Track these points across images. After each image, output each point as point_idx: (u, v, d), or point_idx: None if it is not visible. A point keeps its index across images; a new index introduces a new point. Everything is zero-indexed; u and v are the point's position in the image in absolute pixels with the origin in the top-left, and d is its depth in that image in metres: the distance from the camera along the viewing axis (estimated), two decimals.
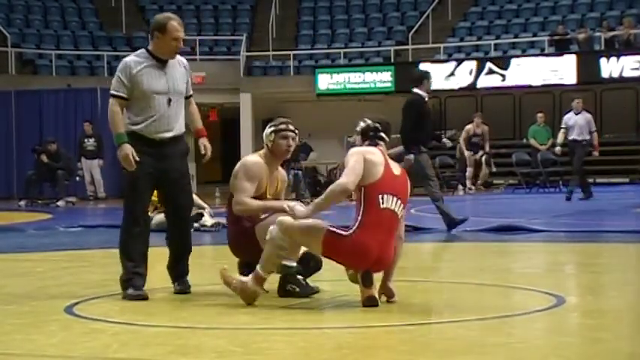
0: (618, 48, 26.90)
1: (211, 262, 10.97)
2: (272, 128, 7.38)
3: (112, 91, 7.28)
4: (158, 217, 13.64)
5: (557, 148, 20.03)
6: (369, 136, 6.79)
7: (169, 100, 7.27)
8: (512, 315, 6.19)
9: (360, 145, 6.80)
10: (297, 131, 7.38)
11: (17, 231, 14.42)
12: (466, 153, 23.38)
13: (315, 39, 31.99)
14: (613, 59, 26.11)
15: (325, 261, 7.02)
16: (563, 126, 19.56)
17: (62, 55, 30.06)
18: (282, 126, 7.39)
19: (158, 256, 11.56)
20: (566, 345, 5.28)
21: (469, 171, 23.10)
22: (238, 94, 29.70)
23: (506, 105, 27.42)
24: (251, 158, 7.45)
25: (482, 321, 5.96)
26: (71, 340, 5.57)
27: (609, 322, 6.08)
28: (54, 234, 13.91)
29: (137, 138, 7.11)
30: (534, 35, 29.37)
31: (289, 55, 30.36)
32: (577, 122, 19.16)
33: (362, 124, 6.85)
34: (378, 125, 6.80)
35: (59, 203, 21.61)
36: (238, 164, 7.47)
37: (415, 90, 12.63)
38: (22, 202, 21.93)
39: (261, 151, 7.47)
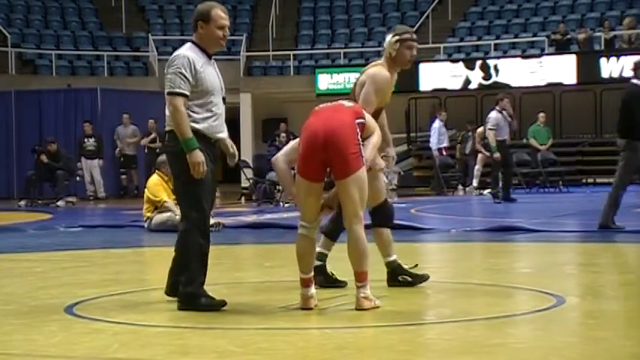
0: (618, 48, 26.90)
1: (211, 262, 10.96)
2: (396, 37, 7.25)
3: (175, 89, 6.52)
4: (158, 217, 13.68)
5: (496, 155, 18.79)
6: None
7: (224, 99, 6.96)
8: (512, 315, 6.19)
9: None
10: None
11: (17, 231, 14.42)
12: (480, 155, 23.14)
13: (315, 39, 32.00)
14: (613, 59, 26.11)
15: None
16: (493, 127, 18.79)
17: (62, 55, 30.07)
18: (407, 35, 7.29)
19: (158, 256, 11.58)
20: (566, 345, 5.28)
21: (477, 169, 22.89)
22: (238, 94, 29.70)
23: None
24: (381, 73, 7.24)
25: (482, 321, 5.97)
26: (71, 340, 5.57)
27: (609, 322, 6.08)
28: (54, 234, 13.91)
29: (199, 138, 6.57)
30: (534, 35, 29.38)
31: (289, 55, 30.37)
32: (504, 122, 18.96)
33: None
34: None
35: (59, 203, 21.61)
36: (367, 74, 7.28)
37: (634, 81, 12.18)
38: (22, 202, 21.93)
39: (381, 61, 7.33)
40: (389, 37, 7.29)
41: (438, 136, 23.34)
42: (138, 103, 25.87)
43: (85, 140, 23.89)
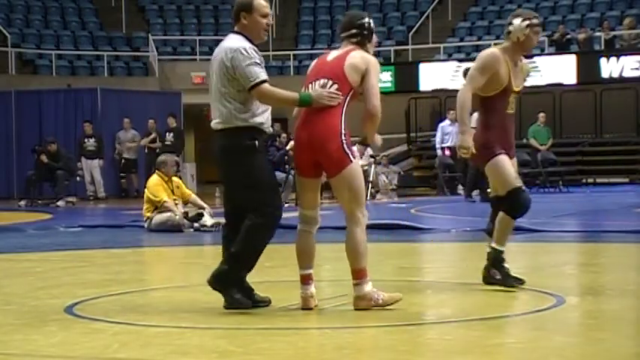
0: (618, 48, 26.91)
1: (211, 262, 10.97)
2: (527, 22, 7.14)
3: (257, 79, 6.36)
4: (158, 217, 13.68)
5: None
6: None
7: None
8: (512, 315, 6.18)
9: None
10: None
11: (17, 231, 14.41)
12: None
13: (315, 39, 32.01)
14: (613, 59, 26.11)
15: (323, 261, 7.01)
16: (473, 126, 19.08)
17: (62, 55, 30.08)
18: (536, 20, 7.21)
19: (158, 256, 11.59)
20: (566, 345, 5.28)
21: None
22: None
23: None
24: (488, 52, 7.23)
25: (482, 321, 5.96)
26: (71, 340, 5.56)
27: (609, 322, 6.08)
28: (54, 234, 13.90)
29: (257, 132, 6.42)
30: None
31: (289, 55, 30.37)
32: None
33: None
34: None
35: (59, 203, 21.60)
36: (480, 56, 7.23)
37: None
38: (22, 202, 21.91)
39: (504, 45, 7.21)
40: (518, 21, 7.14)
41: (441, 135, 23.32)
42: (138, 103, 25.88)
43: (85, 140, 23.89)
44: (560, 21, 29.32)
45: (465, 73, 21.35)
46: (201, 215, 13.78)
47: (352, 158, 6.36)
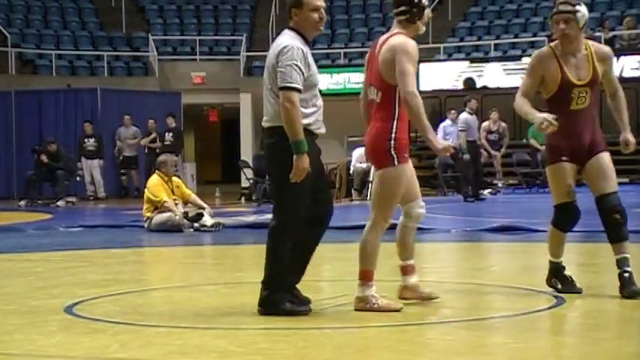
0: (618, 48, 26.90)
1: (211, 262, 10.98)
2: (552, 12, 6.81)
3: (292, 84, 6.12)
4: (158, 217, 13.68)
5: (466, 156, 19.19)
6: None
7: (320, 91, 6.52)
8: (512, 315, 6.18)
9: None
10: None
11: (17, 231, 14.42)
12: (492, 152, 23.17)
13: (315, 39, 31.97)
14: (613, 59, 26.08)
15: (323, 261, 7.01)
16: (463, 127, 19.15)
17: (62, 55, 30.07)
18: (555, 9, 6.78)
19: (158, 256, 11.59)
20: (566, 345, 5.28)
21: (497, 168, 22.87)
22: (238, 94, 29.71)
23: (506, 105, 27.41)
24: (535, 51, 7.01)
25: (482, 321, 5.97)
26: (71, 340, 5.56)
27: (609, 322, 6.08)
28: (54, 234, 13.91)
29: (306, 133, 6.17)
30: (534, 35, 29.37)
31: None
32: (474, 123, 19.36)
33: None
34: None
35: (59, 203, 21.60)
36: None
37: None
38: (22, 202, 21.91)
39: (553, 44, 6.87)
40: (585, 9, 6.78)
41: (442, 135, 23.32)
42: (138, 103, 25.89)
43: (85, 140, 23.89)
44: None
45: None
46: (201, 215, 13.78)
47: (395, 163, 6.29)
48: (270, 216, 6.57)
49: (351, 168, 22.12)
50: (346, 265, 9.47)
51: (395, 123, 6.33)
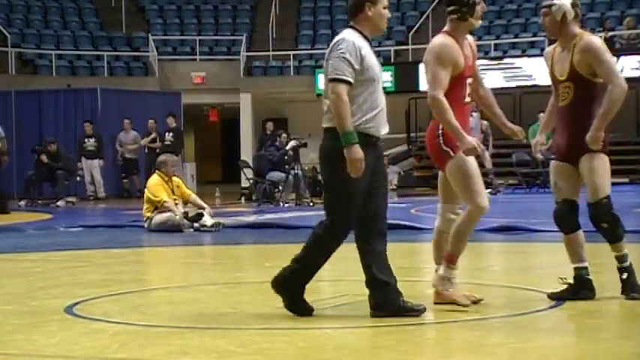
0: (618, 48, 26.90)
1: (211, 262, 10.98)
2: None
3: (340, 76, 5.94)
4: (158, 217, 13.68)
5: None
6: None
7: (383, 88, 6.32)
8: (512, 315, 6.18)
9: None
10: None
11: (17, 231, 14.42)
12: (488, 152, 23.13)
13: (315, 39, 32.00)
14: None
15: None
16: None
17: (62, 55, 30.08)
18: (544, 2, 6.66)
19: (158, 256, 11.59)
20: (566, 345, 5.28)
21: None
22: (238, 94, 29.71)
23: (506, 105, 27.43)
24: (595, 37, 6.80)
25: (482, 321, 5.96)
26: (71, 340, 5.56)
27: (609, 322, 6.08)
28: (54, 234, 13.91)
29: (365, 136, 5.99)
30: (534, 35, 29.36)
31: (289, 55, 30.37)
32: (476, 124, 19.39)
33: None
34: None
35: (59, 203, 21.60)
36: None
37: None
38: (22, 202, 21.91)
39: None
40: (565, 2, 6.66)
41: None
42: (138, 103, 25.89)
43: (86, 140, 23.89)
44: None
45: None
46: (201, 215, 13.78)
47: (452, 154, 6.34)
48: (269, 216, 6.58)
49: None
50: (346, 265, 9.46)
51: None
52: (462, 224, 6.40)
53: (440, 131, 6.40)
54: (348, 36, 6.05)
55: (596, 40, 6.65)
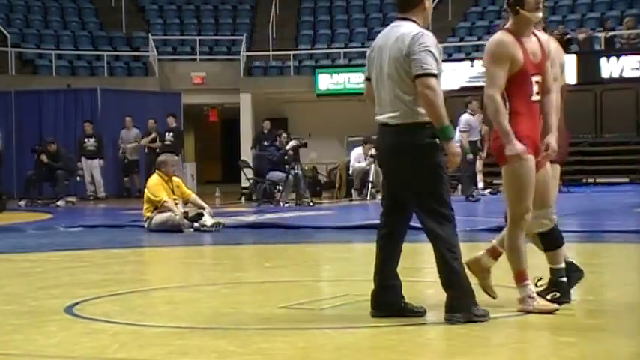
0: (618, 48, 26.91)
1: (211, 262, 10.98)
2: None
3: (429, 69, 5.81)
4: (158, 217, 13.68)
5: (470, 156, 18.98)
6: None
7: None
8: (512, 315, 6.18)
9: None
10: None
11: (17, 231, 14.42)
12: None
13: (315, 39, 32.00)
14: (613, 59, 26.11)
15: (324, 261, 6.99)
16: (465, 128, 19.13)
17: (62, 55, 30.08)
18: None
19: (158, 256, 11.59)
20: (566, 345, 5.28)
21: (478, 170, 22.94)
22: (238, 94, 29.71)
23: None
24: None
25: (482, 321, 5.95)
26: (71, 340, 5.56)
27: (609, 322, 6.08)
28: (54, 234, 13.91)
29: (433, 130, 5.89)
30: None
31: (289, 55, 30.37)
32: (476, 124, 19.49)
33: None
34: None
35: (59, 203, 21.60)
36: None
37: None
38: (22, 202, 21.91)
39: None
40: None
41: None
42: (138, 103, 25.89)
43: (86, 140, 23.89)
44: (560, 21, 29.31)
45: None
46: (201, 215, 13.78)
47: (507, 159, 6.14)
48: (269, 216, 6.57)
49: (351, 168, 22.12)
50: (346, 265, 9.47)
51: (507, 119, 6.15)
52: (511, 241, 6.39)
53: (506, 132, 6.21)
54: (421, 29, 5.94)
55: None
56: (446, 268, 6.01)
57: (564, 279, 6.62)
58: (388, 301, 6.05)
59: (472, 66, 27.50)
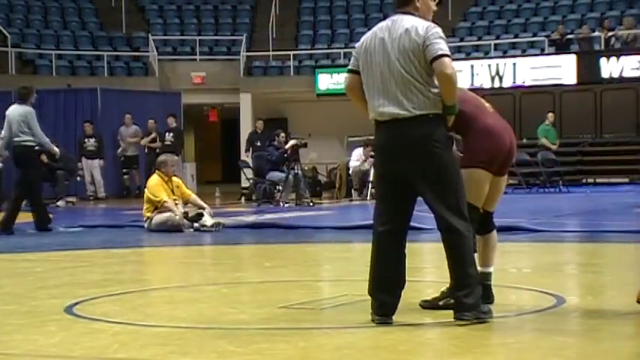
0: (618, 48, 26.91)
1: (211, 262, 10.98)
2: None
3: (447, 52, 5.77)
4: (158, 217, 13.68)
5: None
6: None
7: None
8: (512, 315, 6.18)
9: None
10: None
11: (17, 231, 14.41)
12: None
13: (315, 39, 32.01)
14: (613, 59, 26.11)
15: (324, 261, 6.98)
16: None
17: (62, 55, 30.08)
18: None
19: (158, 256, 11.59)
20: (566, 345, 5.27)
21: None
22: (238, 94, 29.72)
23: (505, 105, 27.44)
24: None
25: (482, 321, 5.95)
26: (71, 340, 5.56)
27: (609, 322, 6.08)
28: (54, 234, 13.90)
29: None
30: (534, 35, 29.38)
31: (289, 55, 30.38)
32: None
33: None
34: None
35: (59, 203, 21.61)
36: None
37: None
38: (22, 202, 21.86)
39: None
40: None
41: None
42: (138, 103, 25.90)
43: (86, 140, 23.90)
44: (560, 21, 29.32)
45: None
46: (201, 215, 13.78)
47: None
48: (269, 216, 6.57)
49: (350, 168, 22.13)
50: (346, 265, 9.47)
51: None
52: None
53: None
54: (426, 22, 5.89)
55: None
56: (459, 265, 6.01)
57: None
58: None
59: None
